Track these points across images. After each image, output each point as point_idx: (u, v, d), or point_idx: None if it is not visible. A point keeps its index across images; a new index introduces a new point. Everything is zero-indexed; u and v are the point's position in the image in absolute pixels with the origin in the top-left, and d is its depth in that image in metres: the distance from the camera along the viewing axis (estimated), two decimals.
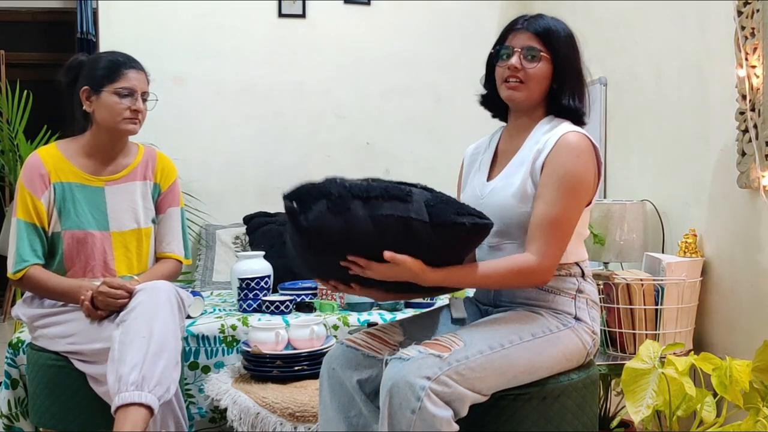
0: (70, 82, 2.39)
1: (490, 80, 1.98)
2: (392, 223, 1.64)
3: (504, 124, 2.04)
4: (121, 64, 2.34)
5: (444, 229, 1.67)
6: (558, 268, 1.82)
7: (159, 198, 2.50)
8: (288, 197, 1.66)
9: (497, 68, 1.91)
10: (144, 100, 2.36)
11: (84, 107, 2.35)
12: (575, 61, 1.90)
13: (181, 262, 2.53)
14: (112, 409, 1.99)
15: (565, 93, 1.88)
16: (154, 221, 2.49)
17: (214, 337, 2.77)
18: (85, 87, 2.34)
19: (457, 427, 1.63)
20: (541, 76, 1.86)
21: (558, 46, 1.87)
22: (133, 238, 2.41)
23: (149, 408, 1.99)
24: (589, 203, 1.88)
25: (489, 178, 1.96)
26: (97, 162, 2.39)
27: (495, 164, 1.98)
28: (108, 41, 3.96)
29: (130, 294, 2.17)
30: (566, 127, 1.85)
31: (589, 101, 1.94)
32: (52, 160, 2.35)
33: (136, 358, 2.03)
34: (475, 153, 2.08)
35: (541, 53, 1.86)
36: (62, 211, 2.33)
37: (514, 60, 1.86)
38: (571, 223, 1.81)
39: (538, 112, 1.92)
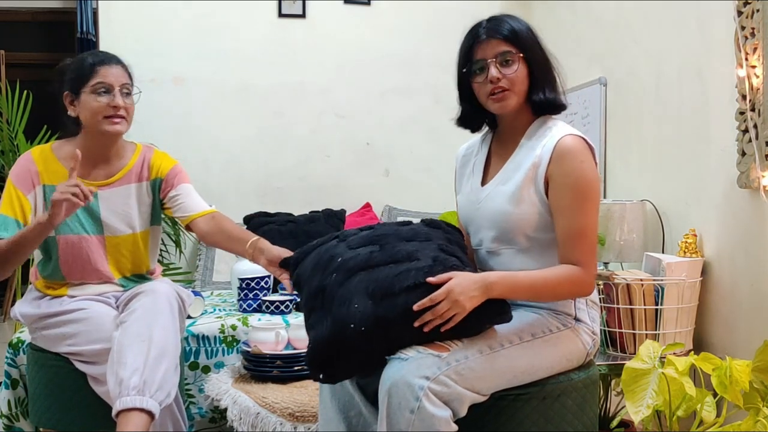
0: (59, 88, 2.32)
1: (466, 98, 1.93)
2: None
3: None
4: (95, 62, 2.27)
5: None
6: None
7: (162, 185, 2.40)
8: (311, 366, 1.70)
9: (476, 85, 1.86)
10: (126, 94, 2.28)
11: (69, 113, 2.29)
12: (542, 51, 1.87)
13: (215, 212, 2.42)
14: (113, 412, 1.99)
15: (539, 87, 1.85)
16: (156, 222, 2.47)
17: (214, 337, 2.77)
18: (66, 92, 2.28)
19: (455, 427, 1.63)
20: (522, 78, 1.83)
21: (525, 42, 1.84)
22: (128, 243, 2.37)
23: (150, 413, 1.99)
24: None
25: (483, 182, 1.94)
26: (90, 165, 2.32)
27: (488, 167, 1.96)
28: (108, 41, 3.96)
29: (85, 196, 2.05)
30: (560, 130, 1.83)
31: (562, 85, 1.90)
32: (44, 161, 2.31)
33: (137, 362, 2.02)
34: (468, 155, 2.05)
35: (516, 55, 1.82)
36: None
37: (493, 72, 1.81)
38: (594, 228, 1.80)
39: (523, 111, 1.89)
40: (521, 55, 1.82)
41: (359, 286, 1.67)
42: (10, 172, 2.32)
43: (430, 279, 1.67)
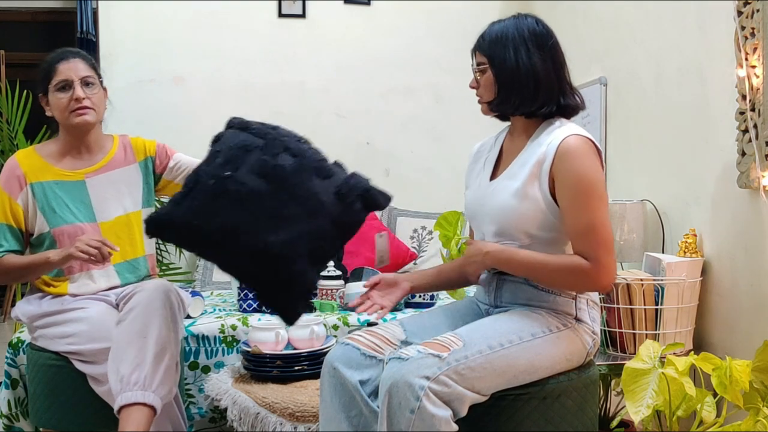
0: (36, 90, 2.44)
1: None
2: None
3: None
4: (54, 61, 2.36)
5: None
6: None
7: (156, 162, 2.51)
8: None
9: None
10: (88, 85, 2.35)
11: (47, 113, 2.39)
12: (513, 61, 1.84)
13: None
14: (115, 408, 1.99)
15: (503, 97, 1.87)
16: (148, 204, 2.48)
17: (214, 337, 2.77)
18: (41, 94, 2.39)
19: (456, 427, 1.63)
20: (488, 85, 1.89)
21: (495, 53, 1.86)
22: (122, 225, 2.41)
23: (152, 408, 1.99)
24: None
25: (492, 177, 1.96)
26: (74, 158, 2.41)
27: (499, 163, 1.98)
28: (108, 41, 3.96)
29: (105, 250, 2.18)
30: (567, 129, 1.84)
31: (541, 93, 1.86)
32: (28, 161, 2.37)
33: (138, 358, 2.03)
34: (480, 151, 2.08)
35: (483, 65, 1.89)
36: (46, 210, 2.33)
37: (471, 80, 1.94)
38: (604, 223, 1.77)
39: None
40: (489, 66, 1.88)
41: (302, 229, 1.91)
42: None
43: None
